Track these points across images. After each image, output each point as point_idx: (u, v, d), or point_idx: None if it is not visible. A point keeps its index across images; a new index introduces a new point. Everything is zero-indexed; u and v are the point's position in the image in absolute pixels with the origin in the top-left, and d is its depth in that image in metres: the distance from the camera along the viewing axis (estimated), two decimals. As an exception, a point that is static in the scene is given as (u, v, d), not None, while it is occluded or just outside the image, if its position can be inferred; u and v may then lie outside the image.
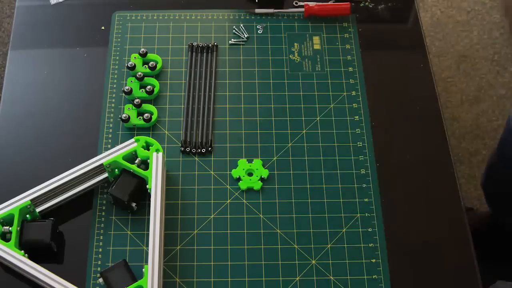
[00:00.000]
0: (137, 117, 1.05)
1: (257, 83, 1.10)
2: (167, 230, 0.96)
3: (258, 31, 1.16)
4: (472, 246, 0.97)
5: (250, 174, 1.00)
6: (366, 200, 1.00)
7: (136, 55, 1.11)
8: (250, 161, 1.01)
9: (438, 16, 1.99)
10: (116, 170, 0.98)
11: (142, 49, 1.10)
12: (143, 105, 1.06)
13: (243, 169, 1.00)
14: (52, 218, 0.93)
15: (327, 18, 1.18)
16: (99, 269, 0.92)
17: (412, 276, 0.96)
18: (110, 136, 1.04)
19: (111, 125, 1.05)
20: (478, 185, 1.72)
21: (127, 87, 1.06)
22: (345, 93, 1.10)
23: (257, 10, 1.17)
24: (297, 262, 0.95)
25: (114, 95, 1.08)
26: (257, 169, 1.00)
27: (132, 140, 0.98)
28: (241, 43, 1.14)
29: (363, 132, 1.06)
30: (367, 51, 1.15)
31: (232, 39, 1.15)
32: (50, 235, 0.92)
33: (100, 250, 0.95)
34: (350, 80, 1.11)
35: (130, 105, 1.06)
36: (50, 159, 1.02)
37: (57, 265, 0.93)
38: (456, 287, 0.95)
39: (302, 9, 1.17)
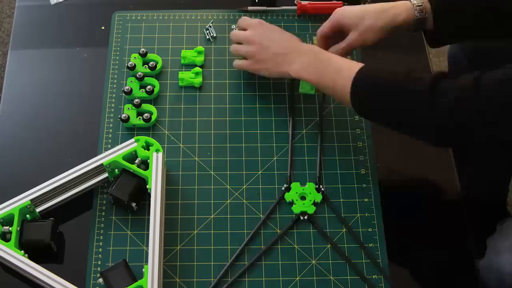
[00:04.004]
0: (137, 117, 1.05)
1: (257, 83, 1.10)
2: (167, 230, 0.96)
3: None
4: (472, 245, 0.97)
5: (303, 198, 0.99)
6: (366, 200, 1.00)
7: (136, 55, 1.11)
8: (303, 184, 1.00)
9: (438, 16, 1.98)
10: (116, 170, 0.98)
11: (142, 49, 1.10)
12: (143, 105, 1.06)
13: (296, 193, 0.98)
14: (52, 218, 0.93)
15: (327, 18, 1.18)
16: (99, 269, 0.92)
17: (412, 276, 0.96)
18: (110, 136, 1.04)
19: (111, 125, 1.05)
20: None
21: (127, 87, 1.06)
22: (345, 93, 1.10)
23: (250, 8, 1.17)
24: (297, 262, 0.95)
25: (114, 95, 1.08)
26: (310, 193, 0.98)
27: (132, 140, 0.98)
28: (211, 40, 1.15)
29: (363, 132, 1.06)
30: (367, 51, 1.14)
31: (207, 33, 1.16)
32: (50, 235, 0.92)
33: (100, 250, 0.95)
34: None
35: (130, 105, 1.06)
36: (50, 159, 1.02)
37: (57, 265, 0.93)
38: (456, 286, 0.95)
39: (295, 7, 1.17)
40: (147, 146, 0.98)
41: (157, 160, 0.96)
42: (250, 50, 1.02)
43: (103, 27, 1.16)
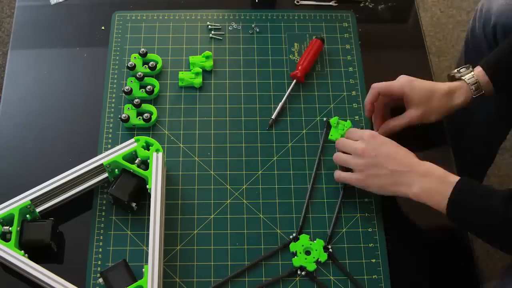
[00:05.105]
0: (137, 117, 1.05)
1: (257, 83, 1.10)
2: (167, 230, 0.96)
3: (256, 30, 1.16)
4: (472, 245, 0.97)
5: (307, 253, 0.95)
6: (366, 200, 1.00)
7: (136, 55, 1.11)
8: (312, 239, 0.96)
9: (438, 16, 1.99)
10: (116, 170, 0.98)
11: (142, 49, 1.10)
12: (143, 105, 1.06)
13: (302, 245, 0.95)
14: (52, 218, 0.93)
15: (327, 18, 1.18)
16: (99, 269, 0.92)
17: (412, 277, 0.96)
18: (110, 136, 1.04)
19: (111, 125, 1.05)
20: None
21: (127, 87, 1.06)
22: (345, 93, 1.10)
23: None
24: (297, 262, 0.95)
25: (114, 95, 1.08)
26: (316, 250, 0.94)
27: (132, 140, 0.98)
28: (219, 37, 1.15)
29: (363, 132, 1.06)
30: (367, 51, 1.14)
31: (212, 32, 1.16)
32: (50, 235, 0.92)
33: (100, 250, 0.95)
34: (350, 80, 1.11)
35: (130, 105, 1.06)
36: (50, 159, 1.02)
37: (57, 265, 0.93)
38: (456, 287, 0.95)
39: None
40: (147, 146, 0.98)
41: (157, 160, 0.96)
42: (361, 164, 0.94)
43: (103, 27, 1.16)
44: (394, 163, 0.92)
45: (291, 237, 0.96)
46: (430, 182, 0.89)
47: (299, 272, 0.93)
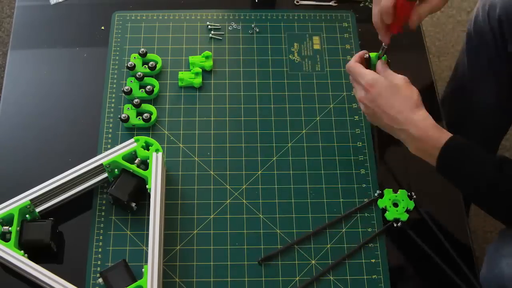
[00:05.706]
0: (137, 117, 1.05)
1: (257, 83, 1.11)
2: (167, 230, 0.96)
3: (256, 30, 1.16)
4: (472, 245, 0.97)
5: (395, 205, 0.99)
6: (366, 200, 1.00)
7: (136, 55, 1.11)
8: (395, 191, 1.00)
9: (438, 16, 1.98)
10: (116, 170, 0.98)
11: (142, 49, 1.10)
12: (143, 105, 1.06)
13: (389, 199, 0.99)
14: (51, 218, 0.93)
15: (327, 18, 1.18)
16: (99, 269, 0.93)
17: (412, 276, 0.96)
18: (110, 136, 1.04)
19: (111, 125, 1.05)
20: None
21: (127, 87, 1.06)
22: (345, 93, 1.10)
23: None
24: (297, 262, 0.95)
25: (114, 95, 1.08)
26: (402, 200, 0.99)
27: (132, 140, 0.98)
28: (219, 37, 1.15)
29: (363, 132, 1.06)
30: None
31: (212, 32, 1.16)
32: (50, 235, 0.92)
33: (100, 250, 0.95)
34: (350, 80, 1.11)
35: (129, 105, 1.06)
36: (50, 159, 1.02)
37: (57, 265, 0.93)
38: (456, 287, 0.95)
39: None
40: (146, 146, 0.98)
41: (156, 160, 0.96)
42: (363, 109, 0.99)
43: (103, 27, 1.16)
44: (388, 118, 0.93)
45: (376, 194, 1.00)
46: (423, 144, 0.90)
47: (394, 224, 0.97)
